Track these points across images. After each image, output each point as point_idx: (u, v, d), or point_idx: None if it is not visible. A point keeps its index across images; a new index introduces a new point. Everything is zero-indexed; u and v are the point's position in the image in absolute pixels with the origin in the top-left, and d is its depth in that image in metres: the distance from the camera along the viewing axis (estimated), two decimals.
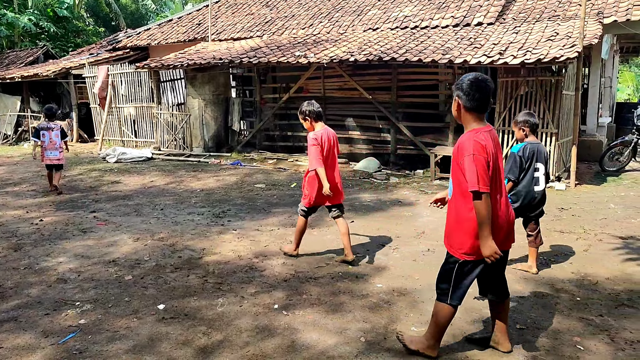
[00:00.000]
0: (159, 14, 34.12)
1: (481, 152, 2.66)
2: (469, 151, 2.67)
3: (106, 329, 3.40)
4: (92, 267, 4.61)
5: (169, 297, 3.93)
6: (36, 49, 20.93)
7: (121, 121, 14.17)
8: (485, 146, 2.69)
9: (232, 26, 14.85)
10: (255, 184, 8.69)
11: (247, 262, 4.73)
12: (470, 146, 2.68)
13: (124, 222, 6.24)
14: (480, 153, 2.65)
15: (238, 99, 12.54)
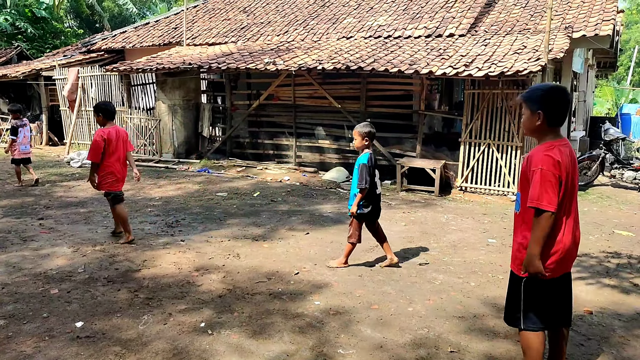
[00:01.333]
0: (143, 17, 33.82)
1: (552, 168, 2.45)
2: (538, 165, 2.47)
3: (12, 349, 3.18)
4: (20, 280, 4.37)
5: (91, 313, 3.72)
6: (10, 49, 20.52)
7: (91, 125, 13.86)
8: (559, 162, 2.47)
9: (208, 31, 14.68)
10: (218, 192, 8.49)
11: (185, 275, 4.54)
12: (541, 160, 2.48)
13: (69, 231, 6.00)
14: (551, 169, 2.45)
15: (209, 104, 12.34)
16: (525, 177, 2.58)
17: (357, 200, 4.60)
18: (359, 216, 4.69)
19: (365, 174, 4.52)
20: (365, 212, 4.66)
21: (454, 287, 4.37)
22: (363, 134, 4.60)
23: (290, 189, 8.92)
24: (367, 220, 4.78)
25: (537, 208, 2.44)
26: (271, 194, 8.44)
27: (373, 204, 4.71)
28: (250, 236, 5.89)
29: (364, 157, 4.59)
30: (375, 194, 4.74)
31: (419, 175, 8.84)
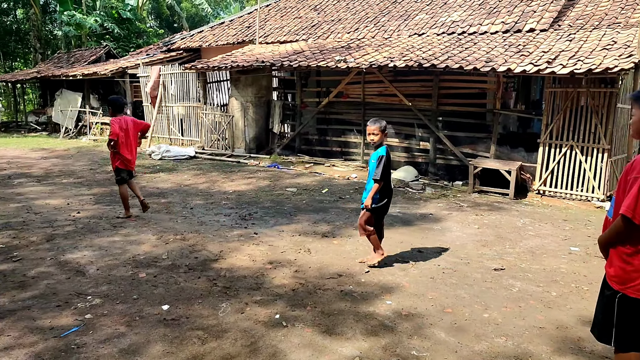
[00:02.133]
0: (217, 16, 35.19)
1: None
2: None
3: (108, 326, 3.47)
4: (112, 262, 4.75)
5: (175, 298, 3.97)
6: (99, 48, 22.18)
7: (170, 120, 14.70)
8: None
9: (280, 29, 15.01)
10: (287, 188, 8.69)
11: (259, 268, 4.70)
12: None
13: (153, 219, 6.42)
14: None
15: (279, 101, 12.64)
16: (625, 182, 2.36)
17: (373, 192, 4.51)
18: (373, 210, 4.59)
19: (381, 167, 4.46)
20: (380, 205, 4.60)
21: (534, 296, 4.18)
22: (382, 128, 4.53)
23: (358, 186, 8.93)
24: (379, 215, 4.72)
25: (629, 219, 2.23)
26: (339, 191, 8.50)
27: (389, 197, 4.68)
28: (320, 232, 5.98)
29: (382, 150, 4.54)
30: (389, 189, 4.70)
31: (493, 176, 8.51)
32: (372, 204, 4.56)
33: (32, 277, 4.34)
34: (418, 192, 8.66)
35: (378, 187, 4.50)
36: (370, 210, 4.60)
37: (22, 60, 32.20)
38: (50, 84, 20.23)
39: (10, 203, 7.19)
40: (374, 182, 4.51)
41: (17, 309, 3.70)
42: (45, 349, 3.15)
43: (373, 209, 4.59)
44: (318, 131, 12.04)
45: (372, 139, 4.57)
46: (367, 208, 4.57)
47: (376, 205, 4.60)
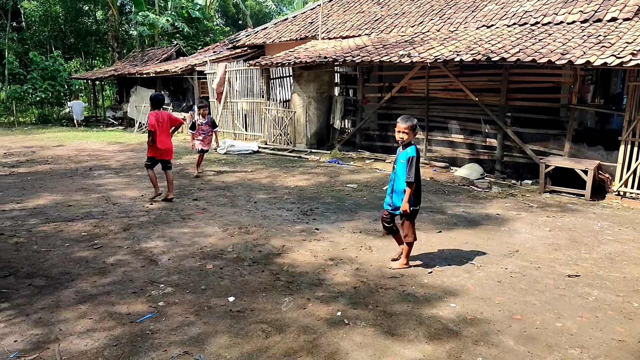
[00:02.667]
0: (280, 13, 35.75)
1: None
2: None
3: (179, 314, 3.65)
4: (182, 253, 4.99)
5: (241, 290, 4.10)
6: (170, 46, 23.29)
7: (234, 115, 15.16)
8: None
9: (342, 24, 14.98)
10: (348, 184, 8.69)
11: (320, 264, 4.75)
12: None
13: (219, 212, 6.66)
14: None
15: (341, 97, 12.63)
16: None
17: (407, 196, 4.32)
18: (412, 213, 4.43)
19: (414, 168, 4.26)
20: (417, 208, 4.45)
21: (612, 306, 3.90)
22: (413, 127, 4.36)
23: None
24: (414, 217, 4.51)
25: None
26: None
27: (418, 199, 4.49)
28: (381, 230, 5.90)
29: (413, 150, 4.34)
30: (420, 190, 4.52)
31: (566, 176, 8.01)
32: (411, 207, 4.39)
33: (110, 264, 4.65)
34: (484, 191, 8.34)
35: (411, 190, 4.32)
36: (408, 216, 4.44)
37: (101, 59, 34.53)
38: (125, 81, 21.54)
39: (91, 193, 7.75)
40: (407, 184, 4.31)
41: (98, 293, 3.99)
42: (123, 333, 3.37)
43: (412, 212, 4.43)
44: (379, 127, 11.92)
45: (401, 137, 4.37)
46: (406, 213, 4.40)
47: (414, 209, 4.44)
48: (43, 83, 23.71)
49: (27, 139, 16.15)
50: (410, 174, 4.28)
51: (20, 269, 4.48)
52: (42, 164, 10.82)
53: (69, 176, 9.28)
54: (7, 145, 14.22)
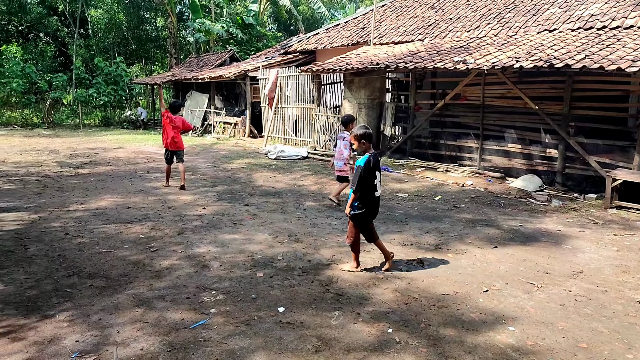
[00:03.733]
0: (332, 18, 35.91)
1: None
2: None
3: (230, 323, 3.68)
4: (232, 260, 5.05)
5: (290, 301, 4.09)
6: (224, 52, 23.93)
7: (285, 120, 15.33)
8: None
9: (395, 30, 14.82)
10: (398, 193, 8.53)
11: (370, 276, 4.66)
12: None
13: (269, 219, 6.72)
14: None
15: (392, 103, 12.47)
16: None
17: (350, 201, 4.62)
18: (353, 217, 4.67)
19: (357, 177, 4.52)
20: (358, 212, 4.64)
21: None
22: (359, 137, 4.60)
23: (474, 194, 8.46)
24: (364, 221, 4.71)
25: None
26: (453, 199, 8.13)
27: (369, 207, 4.67)
28: (433, 243, 5.76)
29: (362, 160, 4.58)
30: (373, 197, 4.67)
31: (635, 191, 7.48)
32: (351, 211, 4.65)
33: (165, 268, 4.79)
34: (542, 204, 7.94)
35: (354, 196, 4.57)
36: (352, 218, 4.69)
37: (160, 64, 36.06)
38: (182, 85, 22.34)
39: (149, 196, 8.05)
40: (352, 191, 4.59)
41: (153, 297, 4.11)
42: (177, 339, 3.43)
43: (356, 215, 4.66)
44: (431, 134, 11.66)
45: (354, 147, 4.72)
46: (347, 215, 4.71)
47: (354, 213, 4.65)
48: (107, 87, 25.03)
49: (90, 140, 17.08)
50: (353, 182, 4.58)
51: (83, 269, 4.70)
52: (104, 165, 11.39)
53: (128, 178, 9.70)
54: (73, 146, 15.10)
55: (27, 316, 3.70)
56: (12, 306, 3.87)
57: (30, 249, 5.22)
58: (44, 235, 5.75)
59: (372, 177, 4.61)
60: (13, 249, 5.20)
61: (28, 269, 4.67)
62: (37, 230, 5.92)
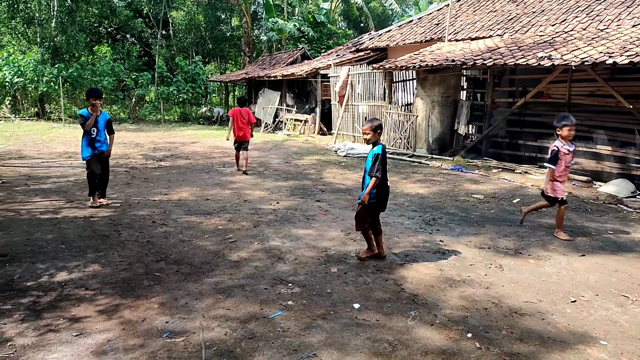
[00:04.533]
0: (403, 15, 35.35)
1: None
2: None
3: (307, 315, 3.76)
4: (307, 254, 5.15)
5: (365, 298, 4.09)
6: (296, 50, 24.36)
7: (355, 118, 15.33)
8: None
9: (471, 25, 14.30)
10: (473, 194, 8.25)
11: (447, 278, 4.55)
12: None
13: (341, 215, 6.77)
14: None
15: (467, 101, 12.05)
16: None
17: (370, 188, 4.67)
18: (370, 205, 4.76)
19: (378, 164, 4.62)
20: (375, 201, 4.75)
21: None
22: (373, 127, 4.73)
23: None
24: (374, 210, 4.84)
25: None
26: (533, 202, 7.71)
27: (382, 196, 4.80)
28: (512, 247, 5.51)
29: (379, 148, 4.69)
30: (386, 186, 4.81)
31: None
32: (368, 200, 4.73)
33: (244, 258, 4.98)
34: (636, 212, 7.32)
35: (375, 182, 4.65)
36: (365, 206, 4.77)
37: (233, 62, 37.44)
38: (254, 83, 23.05)
39: (225, 189, 8.40)
40: (370, 177, 4.68)
41: (234, 286, 4.29)
42: (257, 327, 3.56)
43: (369, 204, 4.75)
44: (508, 134, 11.14)
45: (365, 138, 4.79)
46: (364, 203, 4.75)
47: (371, 201, 4.74)
48: (186, 85, 26.40)
49: (170, 135, 18.12)
50: (373, 169, 4.66)
51: (169, 255, 5.01)
52: (183, 159, 12.03)
53: (206, 172, 10.18)
54: (155, 140, 16.10)
55: (123, 296, 4.01)
56: (109, 286, 4.21)
57: (123, 235, 5.64)
58: (133, 222, 6.19)
59: (385, 166, 4.78)
60: (108, 234, 5.66)
61: (121, 252, 5.06)
62: (127, 218, 6.39)
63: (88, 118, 6.74)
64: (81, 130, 6.88)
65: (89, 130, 6.76)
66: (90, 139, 6.81)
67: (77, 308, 3.78)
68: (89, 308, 3.79)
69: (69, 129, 18.69)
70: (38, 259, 4.80)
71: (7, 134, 16.37)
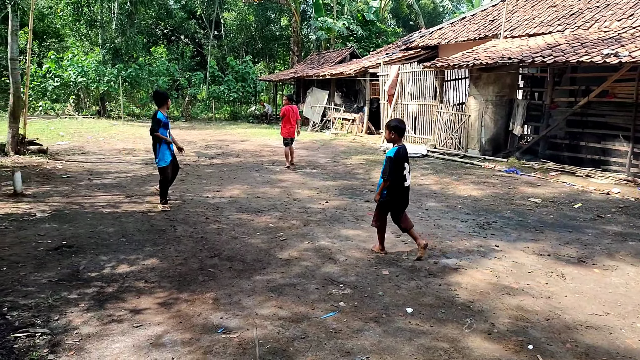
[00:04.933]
0: (455, 11, 34.47)
1: None
2: None
3: (359, 317, 3.72)
4: (357, 255, 5.11)
5: (418, 302, 4.00)
6: (344, 49, 24.30)
7: (404, 117, 15.09)
8: None
9: (529, 21, 13.71)
10: (530, 198, 7.91)
11: (504, 285, 4.37)
12: None
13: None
14: None
15: (524, 101, 11.57)
16: None
17: (380, 189, 4.93)
18: (381, 204, 4.97)
19: (388, 167, 4.78)
20: (385, 200, 4.93)
21: None
22: (391, 127, 4.83)
23: (623, 204, 7.50)
24: (391, 210, 5.00)
25: None
26: (596, 208, 7.30)
27: (397, 196, 4.93)
28: (575, 255, 5.23)
29: (391, 151, 4.82)
30: (402, 187, 4.92)
31: None
32: (380, 199, 4.94)
33: (295, 257, 5.00)
34: None
35: (384, 184, 4.86)
36: (379, 204, 5.00)
37: (281, 61, 37.89)
38: (302, 82, 23.21)
39: (275, 188, 8.50)
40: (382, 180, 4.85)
41: (285, 284, 4.31)
42: (309, 327, 3.56)
43: (380, 203, 4.96)
44: (568, 135, 10.59)
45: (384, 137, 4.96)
46: (375, 200, 5.03)
47: (382, 200, 4.93)
48: (236, 84, 26.98)
49: (221, 133, 18.57)
50: (385, 172, 4.83)
51: (222, 251, 5.11)
52: (234, 157, 12.29)
53: (256, 170, 10.34)
54: (206, 138, 16.56)
55: (180, 290, 4.13)
56: (167, 280, 4.35)
57: (178, 230, 5.83)
58: (188, 218, 6.38)
59: (401, 168, 4.85)
60: (164, 229, 5.86)
61: (177, 247, 5.22)
62: (182, 214, 6.59)
63: (167, 122, 6.63)
64: (140, 128, 7.14)
65: (165, 134, 6.60)
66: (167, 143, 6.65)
67: (137, 300, 3.93)
68: (148, 300, 3.93)
69: (127, 127, 19.57)
70: (101, 251, 5.04)
71: (71, 131, 17.36)
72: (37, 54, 26.22)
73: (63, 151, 12.49)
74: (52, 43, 28.79)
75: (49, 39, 29.09)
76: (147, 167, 10.34)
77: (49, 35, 29.50)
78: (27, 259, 4.76)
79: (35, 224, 5.93)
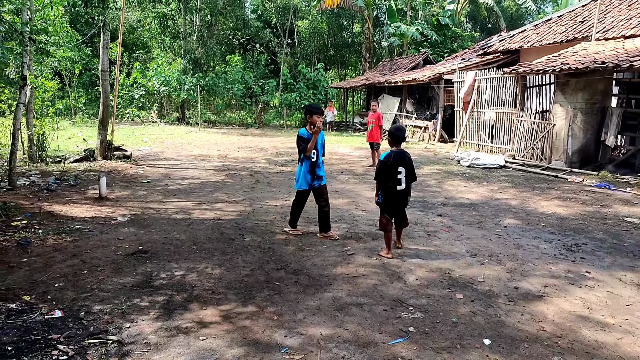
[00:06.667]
0: (539, 13, 32.53)
1: None
2: None
3: (430, 347, 3.45)
4: (429, 275, 4.81)
5: (497, 333, 3.65)
6: (417, 55, 23.74)
7: (480, 125, 14.37)
8: None
9: (626, 21, 12.50)
10: (626, 217, 7.10)
11: (598, 320, 3.88)
12: None
13: (465, 233, 6.27)
14: None
15: (619, 109, 10.52)
16: None
17: (375, 191, 5.35)
18: (379, 206, 5.31)
19: (377, 169, 5.21)
20: (381, 201, 5.26)
21: None
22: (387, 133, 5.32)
23: None
24: (386, 212, 5.24)
25: None
26: None
27: (389, 198, 5.18)
28: None
29: (382, 155, 5.19)
30: (394, 190, 5.14)
31: None
32: (377, 200, 5.34)
33: (362, 274, 4.80)
34: None
35: (377, 187, 5.28)
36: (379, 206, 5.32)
37: (352, 68, 37.85)
38: (373, 89, 22.97)
39: (343, 198, 8.36)
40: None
41: (352, 304, 4.13)
42: (376, 353, 3.35)
43: (379, 204, 5.31)
44: None
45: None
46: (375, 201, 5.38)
47: (379, 201, 5.29)
48: (308, 92, 27.31)
49: (291, 140, 18.78)
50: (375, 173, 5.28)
51: (289, 264, 5.04)
52: None
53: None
54: (277, 145, 16.83)
55: (245, 304, 4.09)
56: (233, 292, 4.34)
57: (246, 239, 5.86)
58: (256, 227, 6.41)
59: (394, 172, 5.10)
60: (233, 237, 5.91)
61: (245, 257, 5.23)
62: (251, 222, 6.64)
63: (308, 140, 5.64)
64: (215, 134, 7.30)
65: (309, 155, 5.71)
66: (310, 163, 5.75)
67: (204, 311, 3.94)
68: (214, 312, 3.93)
69: (204, 133, 20.44)
70: (173, 258, 5.17)
71: (153, 137, 18.44)
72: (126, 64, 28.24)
73: (145, 156, 13.24)
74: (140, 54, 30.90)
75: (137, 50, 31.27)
76: (220, 174, 10.65)
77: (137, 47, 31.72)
78: (107, 263, 4.98)
79: (116, 228, 6.25)
